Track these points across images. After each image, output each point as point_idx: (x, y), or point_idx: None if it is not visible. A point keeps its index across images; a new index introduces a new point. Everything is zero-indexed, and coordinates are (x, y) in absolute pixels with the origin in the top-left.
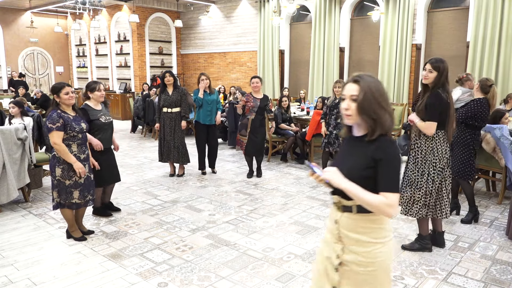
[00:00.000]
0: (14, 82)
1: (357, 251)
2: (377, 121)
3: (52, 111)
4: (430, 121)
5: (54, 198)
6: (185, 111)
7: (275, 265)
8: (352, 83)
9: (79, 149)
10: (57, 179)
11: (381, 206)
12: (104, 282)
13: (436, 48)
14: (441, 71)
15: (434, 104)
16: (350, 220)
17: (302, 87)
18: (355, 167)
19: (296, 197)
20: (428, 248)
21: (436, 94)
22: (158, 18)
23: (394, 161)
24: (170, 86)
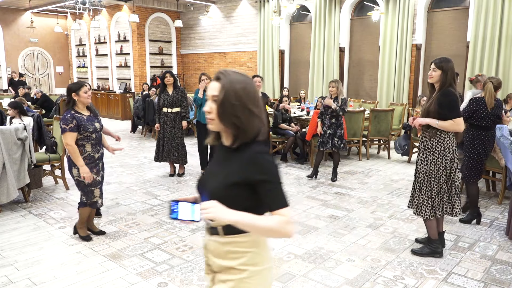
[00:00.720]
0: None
1: (225, 280)
2: (240, 128)
3: (66, 112)
4: (456, 118)
5: (81, 196)
6: (185, 111)
7: (275, 265)
8: (215, 80)
9: (93, 149)
10: (76, 179)
11: (282, 227)
12: (104, 282)
13: (436, 48)
14: (445, 69)
15: (453, 100)
16: (218, 244)
17: (302, 87)
18: (222, 186)
19: (296, 197)
20: (438, 252)
21: (448, 91)
22: (158, 18)
23: (276, 177)
24: (170, 86)
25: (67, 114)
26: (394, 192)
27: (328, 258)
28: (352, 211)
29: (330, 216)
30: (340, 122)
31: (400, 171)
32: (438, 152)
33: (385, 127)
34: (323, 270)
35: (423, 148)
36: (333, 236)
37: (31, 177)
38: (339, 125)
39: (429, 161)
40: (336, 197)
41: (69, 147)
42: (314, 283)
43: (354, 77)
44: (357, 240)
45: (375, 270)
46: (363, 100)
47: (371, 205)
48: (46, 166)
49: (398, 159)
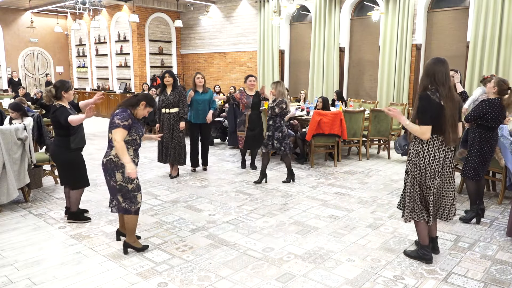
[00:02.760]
0: (14, 82)
1: None
2: None
3: (123, 109)
4: (423, 125)
5: (120, 202)
6: (183, 112)
7: (275, 265)
8: None
9: (134, 154)
10: (119, 184)
11: None
12: (104, 282)
13: (436, 48)
14: (426, 72)
15: (425, 106)
16: None
17: (302, 87)
18: None
19: (296, 197)
20: (427, 258)
21: (425, 96)
22: (158, 18)
23: None
24: (170, 86)
25: (126, 112)
26: (394, 192)
27: (328, 258)
28: (352, 211)
29: (330, 216)
30: (277, 125)
31: (400, 171)
32: (413, 154)
33: (385, 127)
34: (323, 270)
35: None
36: (333, 236)
37: (31, 177)
38: (277, 128)
39: (408, 162)
40: (336, 197)
41: (117, 143)
42: (314, 283)
43: (354, 77)
44: (357, 240)
45: (375, 270)
46: (363, 100)
47: (371, 205)
48: (46, 166)
49: (398, 159)
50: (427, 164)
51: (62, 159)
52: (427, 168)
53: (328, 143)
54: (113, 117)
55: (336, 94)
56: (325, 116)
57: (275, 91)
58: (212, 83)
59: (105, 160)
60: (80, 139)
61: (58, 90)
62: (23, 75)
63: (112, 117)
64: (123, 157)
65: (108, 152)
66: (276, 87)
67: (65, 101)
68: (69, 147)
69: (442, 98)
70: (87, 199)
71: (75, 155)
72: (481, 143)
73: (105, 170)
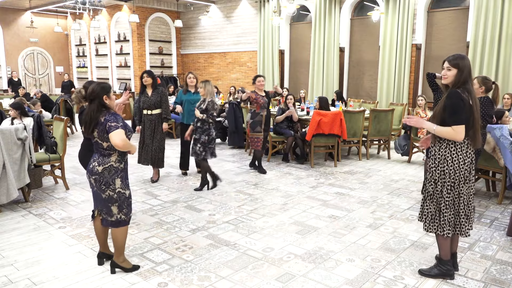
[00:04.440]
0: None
1: None
2: None
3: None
4: (456, 124)
5: (114, 214)
6: (166, 112)
7: (275, 265)
8: None
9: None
10: (118, 191)
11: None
12: (104, 282)
13: (436, 48)
14: (461, 67)
15: (458, 104)
16: None
17: (302, 87)
18: None
19: (296, 197)
20: (450, 274)
21: (455, 92)
22: (158, 18)
23: None
24: (149, 86)
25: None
26: (394, 192)
27: (328, 258)
28: (352, 211)
29: (330, 216)
30: (205, 127)
31: (400, 171)
32: (439, 160)
33: (385, 127)
34: (323, 270)
35: (429, 155)
36: (333, 236)
37: (31, 177)
38: (205, 130)
39: (432, 169)
40: (336, 197)
41: (124, 142)
42: (314, 283)
43: (354, 77)
44: (357, 240)
45: (375, 270)
46: (363, 100)
47: (371, 205)
48: (46, 166)
49: (398, 159)
50: (456, 169)
51: None
52: (456, 174)
53: (328, 143)
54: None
55: (336, 94)
56: (325, 116)
57: (204, 90)
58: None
59: (101, 169)
60: None
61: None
62: (23, 75)
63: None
64: (131, 147)
65: (103, 159)
66: (205, 86)
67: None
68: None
69: (472, 98)
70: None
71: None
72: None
73: (98, 180)
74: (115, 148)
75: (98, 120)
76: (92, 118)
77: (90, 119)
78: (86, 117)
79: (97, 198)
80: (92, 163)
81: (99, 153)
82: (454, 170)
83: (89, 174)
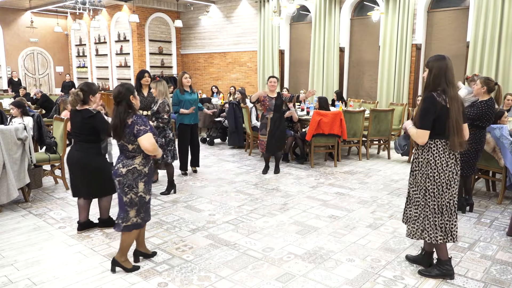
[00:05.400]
0: (14, 82)
1: None
2: None
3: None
4: (421, 128)
5: (131, 218)
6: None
7: (275, 265)
8: None
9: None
10: (139, 195)
11: None
12: (104, 282)
13: (436, 48)
14: (430, 68)
15: (428, 109)
16: None
17: (302, 87)
18: None
19: (296, 197)
20: (450, 274)
21: (429, 96)
22: (158, 18)
23: None
24: (146, 87)
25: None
26: (394, 192)
27: (328, 258)
28: (352, 211)
29: (330, 216)
30: (160, 130)
31: (400, 171)
32: (422, 163)
33: (385, 127)
34: (323, 270)
35: (412, 158)
36: (333, 236)
37: (31, 177)
38: (160, 132)
39: (415, 172)
40: (336, 197)
41: (154, 146)
42: (314, 283)
43: (354, 77)
44: (357, 240)
45: (375, 270)
46: (363, 100)
47: (371, 205)
48: (46, 166)
49: (398, 159)
50: (440, 172)
51: (93, 166)
52: (441, 177)
53: (328, 143)
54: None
55: (336, 94)
56: (325, 116)
57: (156, 91)
58: (212, 83)
59: (125, 171)
60: (105, 144)
61: (86, 94)
62: (23, 75)
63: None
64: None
65: (128, 162)
66: (156, 87)
67: (92, 105)
68: (100, 153)
69: (449, 100)
70: None
71: (104, 161)
72: (480, 142)
73: (122, 182)
74: (140, 151)
75: (126, 122)
76: (121, 121)
77: (120, 122)
78: (115, 120)
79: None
80: (116, 164)
81: (124, 155)
82: (438, 173)
83: (114, 176)
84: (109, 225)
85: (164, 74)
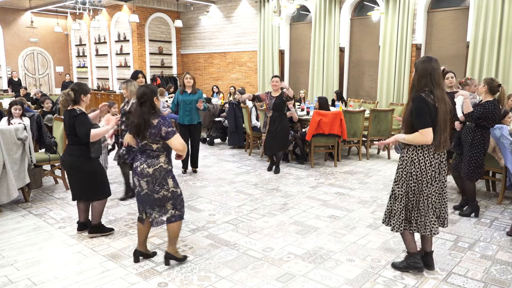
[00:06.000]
0: (14, 82)
1: None
2: None
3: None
4: (423, 128)
5: (168, 210)
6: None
7: (275, 265)
8: None
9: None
10: (171, 190)
11: None
12: (104, 282)
13: (436, 48)
14: (416, 70)
15: (422, 108)
16: None
17: (302, 87)
18: None
19: (296, 197)
20: (418, 267)
21: (418, 97)
22: (158, 18)
23: None
24: None
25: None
26: None
27: (328, 258)
28: (352, 211)
29: (330, 216)
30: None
31: None
32: (407, 162)
33: (385, 127)
34: (323, 270)
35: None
36: (333, 236)
37: (31, 177)
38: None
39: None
40: (336, 197)
41: (184, 146)
42: (314, 283)
43: (354, 77)
44: (357, 240)
45: (375, 270)
46: (363, 100)
47: (371, 205)
48: (46, 166)
49: (398, 159)
50: (423, 171)
51: (82, 170)
52: (423, 176)
53: (328, 143)
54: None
55: (336, 94)
56: (325, 116)
57: (127, 91)
58: (212, 83)
59: (152, 170)
60: (98, 147)
61: (77, 93)
62: (23, 75)
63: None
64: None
65: (152, 161)
66: (127, 87)
67: (83, 105)
68: (89, 156)
69: (437, 100)
70: None
71: (95, 165)
72: (478, 143)
73: (151, 181)
74: (163, 150)
75: (151, 122)
76: (146, 121)
77: (144, 122)
78: (139, 120)
79: (145, 201)
80: (139, 166)
81: (146, 155)
82: (420, 172)
83: (138, 177)
84: (99, 231)
85: (164, 74)
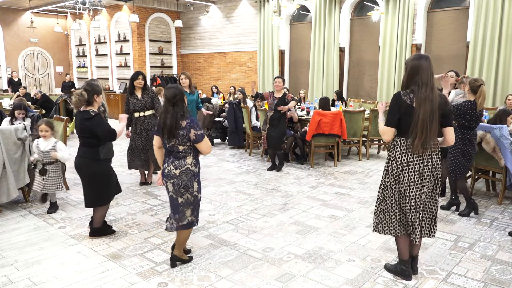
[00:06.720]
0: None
1: None
2: None
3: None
4: (385, 125)
5: (186, 217)
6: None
7: (275, 265)
8: None
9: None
10: (195, 194)
11: None
12: (104, 282)
13: (436, 48)
14: (405, 68)
15: (392, 107)
16: None
17: (302, 87)
18: None
19: (296, 197)
20: (406, 275)
21: (395, 95)
22: (158, 18)
23: None
24: (139, 89)
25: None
26: None
27: (328, 258)
28: (352, 211)
29: (330, 216)
30: None
31: None
32: (387, 159)
33: None
34: (323, 270)
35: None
36: (333, 236)
37: (31, 177)
38: None
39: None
40: (336, 197)
41: (211, 149)
42: (314, 283)
43: (354, 77)
44: (357, 240)
45: (375, 270)
46: (363, 100)
47: (371, 205)
48: None
49: None
50: (399, 170)
51: (90, 171)
52: (400, 175)
53: (328, 143)
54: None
55: (336, 94)
56: (325, 116)
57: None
58: (212, 83)
59: (179, 172)
60: (108, 150)
61: (90, 94)
62: (23, 75)
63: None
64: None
65: (180, 162)
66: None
67: (96, 106)
68: (98, 158)
69: (417, 100)
70: None
71: (104, 167)
72: (463, 143)
73: (177, 183)
74: (190, 151)
75: (180, 124)
76: (177, 122)
77: (176, 123)
78: (171, 121)
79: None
80: (166, 167)
81: (174, 157)
82: (397, 170)
83: (166, 178)
84: (101, 234)
85: (164, 74)
